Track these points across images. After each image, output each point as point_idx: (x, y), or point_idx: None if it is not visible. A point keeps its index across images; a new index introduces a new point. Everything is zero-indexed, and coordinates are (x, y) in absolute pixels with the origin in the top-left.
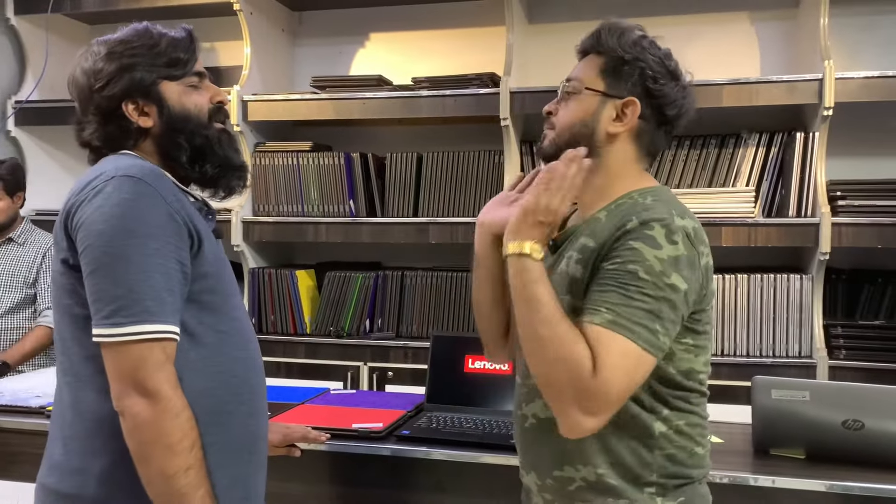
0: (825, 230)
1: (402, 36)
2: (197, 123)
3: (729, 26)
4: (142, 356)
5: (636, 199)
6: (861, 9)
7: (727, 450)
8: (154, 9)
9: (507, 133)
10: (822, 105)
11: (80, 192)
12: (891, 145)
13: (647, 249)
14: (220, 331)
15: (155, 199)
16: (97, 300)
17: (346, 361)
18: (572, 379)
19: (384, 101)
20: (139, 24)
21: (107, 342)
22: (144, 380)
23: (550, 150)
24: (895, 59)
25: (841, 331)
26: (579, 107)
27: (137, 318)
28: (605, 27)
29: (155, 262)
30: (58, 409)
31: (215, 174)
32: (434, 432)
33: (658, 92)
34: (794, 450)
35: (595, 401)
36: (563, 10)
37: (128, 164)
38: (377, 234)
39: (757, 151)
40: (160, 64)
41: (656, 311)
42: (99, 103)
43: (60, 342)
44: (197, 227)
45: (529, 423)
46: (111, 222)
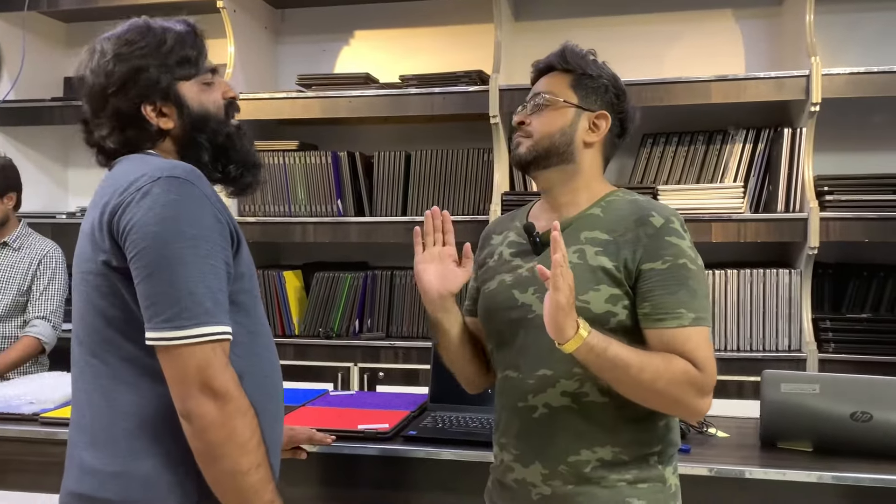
0: (813, 225)
1: (386, 33)
2: (217, 121)
3: (713, 23)
4: (206, 357)
5: (624, 197)
6: (845, 6)
7: (733, 444)
8: (134, 6)
9: (496, 131)
10: (810, 101)
11: (123, 193)
12: (874, 140)
13: (681, 242)
14: (252, 331)
15: (201, 200)
16: (154, 303)
17: (335, 363)
18: (689, 386)
19: (372, 99)
20: (137, 21)
21: (169, 345)
22: (211, 380)
23: (529, 157)
24: (879, 55)
25: (830, 324)
26: (557, 118)
27: (199, 321)
28: (566, 48)
29: (208, 264)
30: (85, 413)
31: (237, 173)
32: (441, 432)
33: (619, 108)
34: (801, 443)
35: (708, 386)
36: (550, 8)
37: (167, 164)
38: (366, 233)
39: (744, 147)
40: (172, 63)
41: (706, 292)
42: (116, 107)
43: (89, 345)
44: (236, 226)
45: (539, 413)
46: (165, 224)
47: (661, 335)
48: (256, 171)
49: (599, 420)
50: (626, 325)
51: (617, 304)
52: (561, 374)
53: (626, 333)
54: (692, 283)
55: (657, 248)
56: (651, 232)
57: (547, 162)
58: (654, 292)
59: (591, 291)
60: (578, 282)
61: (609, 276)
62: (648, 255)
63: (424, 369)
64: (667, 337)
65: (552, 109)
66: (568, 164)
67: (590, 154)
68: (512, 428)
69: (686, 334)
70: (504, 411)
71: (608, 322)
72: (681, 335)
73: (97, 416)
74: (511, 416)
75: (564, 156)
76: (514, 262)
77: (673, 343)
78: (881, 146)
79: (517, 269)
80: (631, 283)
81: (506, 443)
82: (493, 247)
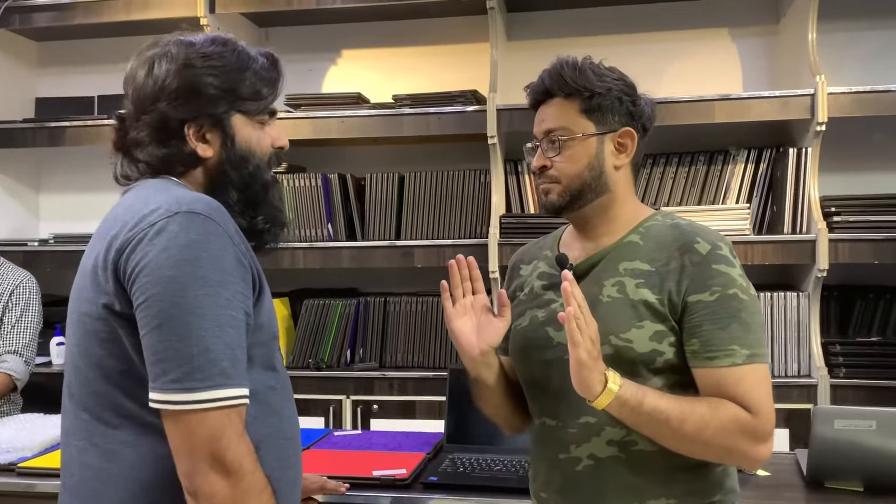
0: (822, 246)
1: (374, 53)
2: (257, 167)
3: (710, 42)
4: (221, 425)
5: (664, 221)
6: (842, 25)
7: (776, 483)
8: (113, 24)
9: (493, 151)
10: (815, 120)
11: (133, 228)
12: (877, 160)
13: (731, 270)
14: (271, 387)
15: (224, 241)
16: (163, 359)
17: (326, 395)
18: (741, 434)
19: (365, 119)
20: (223, 37)
21: (177, 410)
22: (224, 453)
23: (562, 203)
24: (877, 74)
25: (839, 349)
26: (581, 153)
27: (214, 382)
28: (562, 68)
29: (228, 315)
30: (74, 473)
31: (264, 227)
32: (463, 477)
33: (638, 112)
34: (851, 482)
35: (765, 432)
36: (542, 27)
37: (188, 196)
38: (358, 258)
39: (746, 168)
40: (240, 94)
41: (761, 323)
42: (159, 118)
43: (81, 398)
44: (260, 271)
45: (584, 465)
46: (181, 268)
47: (711, 375)
48: (281, 231)
49: (650, 470)
50: (674, 364)
51: (663, 342)
52: (605, 421)
53: (674, 373)
54: (744, 316)
55: (704, 278)
56: (697, 260)
57: (582, 202)
58: (702, 327)
59: (634, 329)
60: (619, 319)
61: (652, 311)
62: (695, 286)
63: (421, 401)
64: (718, 377)
65: (570, 145)
66: (603, 195)
67: (622, 175)
68: (553, 481)
69: (739, 374)
70: (543, 462)
71: (654, 362)
72: (733, 375)
73: (88, 480)
74: (551, 468)
75: (598, 189)
76: (547, 296)
77: (724, 384)
78: (884, 166)
79: (550, 303)
80: (676, 317)
81: (546, 497)
82: (522, 278)
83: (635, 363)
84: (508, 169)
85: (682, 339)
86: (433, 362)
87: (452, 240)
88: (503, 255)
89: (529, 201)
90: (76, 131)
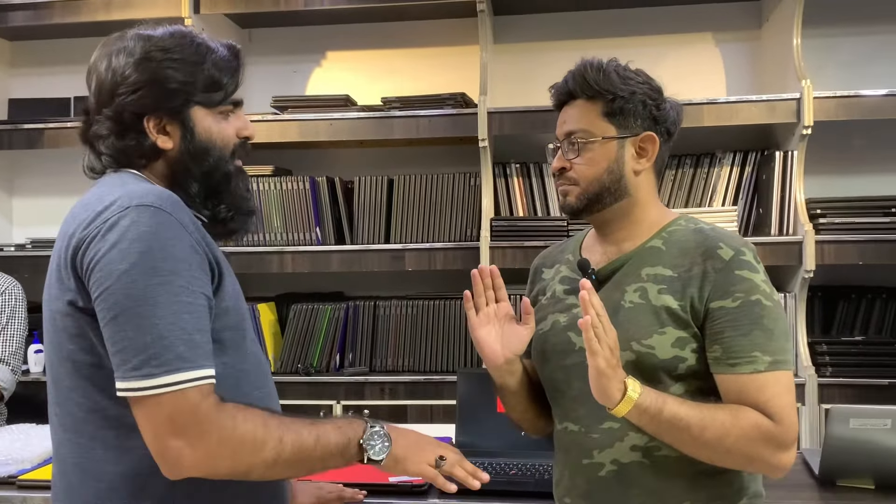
0: (809, 248)
1: (359, 55)
2: (219, 157)
3: (694, 47)
4: (182, 406)
5: (687, 226)
6: (822, 31)
7: (789, 483)
8: (92, 24)
9: (484, 154)
10: (802, 124)
11: (88, 226)
12: (860, 162)
13: (754, 276)
14: (239, 369)
15: (176, 230)
16: (122, 350)
17: (316, 401)
18: (763, 442)
19: (354, 122)
20: (181, 29)
21: (139, 396)
22: (184, 429)
23: (580, 205)
24: (855, 79)
25: (826, 348)
26: (600, 156)
27: (171, 367)
28: (586, 70)
29: (183, 302)
30: (58, 468)
31: (227, 215)
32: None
33: (662, 117)
34: (863, 480)
35: (787, 439)
36: (528, 31)
37: (142, 190)
38: (348, 262)
39: (732, 170)
40: (199, 86)
41: (785, 330)
42: (119, 111)
43: (56, 392)
44: (217, 257)
45: (608, 470)
46: (131, 259)
47: (733, 382)
48: (247, 218)
49: (675, 475)
50: (697, 371)
51: (685, 348)
52: (629, 426)
53: (696, 379)
54: (767, 322)
55: (727, 284)
56: (720, 266)
57: (600, 205)
58: (724, 333)
59: (656, 335)
60: (641, 325)
61: (674, 318)
62: (717, 292)
63: (413, 405)
64: (740, 384)
65: (591, 148)
66: (622, 199)
67: (643, 179)
68: (577, 487)
69: (761, 381)
70: (566, 467)
71: (676, 368)
72: (755, 382)
73: (65, 472)
74: (575, 473)
75: (617, 193)
76: (569, 301)
77: (746, 391)
78: (867, 168)
79: (572, 308)
80: (699, 323)
81: (570, 503)
82: (544, 282)
83: (657, 369)
84: (497, 172)
85: (705, 345)
86: (424, 366)
87: (444, 243)
88: (494, 257)
89: (518, 204)
90: (52, 133)
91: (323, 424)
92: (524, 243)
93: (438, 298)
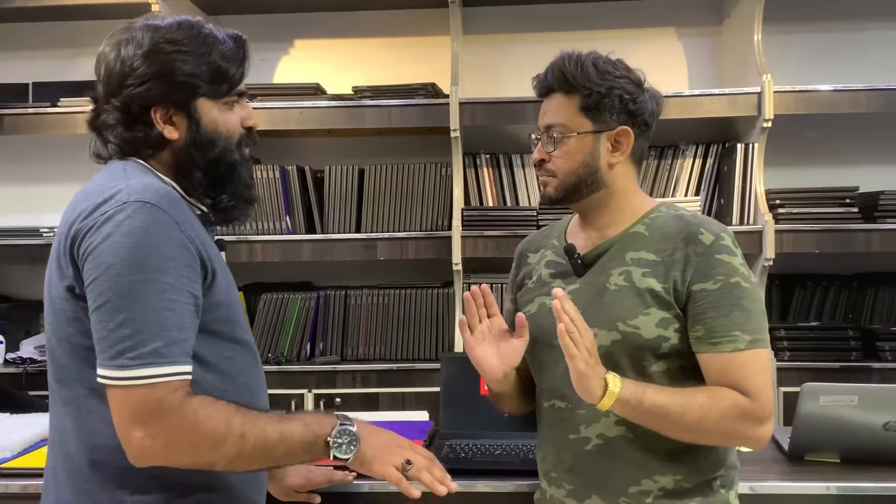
0: (769, 237)
1: (327, 43)
2: (224, 148)
3: (657, 41)
4: (145, 400)
5: (668, 212)
6: (783, 27)
7: (761, 458)
8: (58, 7)
9: (455, 144)
10: (762, 117)
11: (87, 216)
12: (817, 155)
13: (733, 259)
14: (227, 357)
15: (169, 228)
16: (102, 338)
17: (288, 390)
18: (741, 419)
19: (325, 110)
20: (189, 20)
21: (110, 384)
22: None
23: (559, 196)
24: (811, 75)
25: (783, 333)
26: (576, 150)
27: (145, 362)
28: (564, 65)
29: (166, 299)
30: (58, 439)
31: (228, 204)
32: (468, 462)
33: (639, 110)
34: (829, 454)
35: (763, 414)
36: (496, 22)
37: (142, 185)
38: (319, 251)
39: (694, 162)
40: (205, 78)
41: (762, 310)
42: (126, 102)
43: (57, 370)
44: (210, 255)
45: (593, 444)
46: (120, 254)
47: (715, 360)
48: (248, 207)
49: (658, 448)
50: (679, 349)
51: (668, 328)
52: None
53: (679, 357)
54: (746, 303)
55: (708, 268)
56: (701, 251)
57: (578, 195)
58: (706, 314)
59: (641, 316)
60: (626, 306)
61: (658, 299)
62: (699, 276)
63: (385, 393)
64: (721, 362)
65: (567, 142)
66: (599, 190)
67: (620, 171)
68: (563, 461)
69: (741, 360)
70: (553, 444)
71: (660, 347)
72: (735, 360)
73: (64, 442)
74: (562, 448)
75: (594, 185)
76: (555, 284)
77: (727, 369)
78: (823, 160)
79: None
80: (682, 305)
81: (557, 477)
82: (530, 266)
83: (641, 348)
84: (467, 162)
85: (687, 325)
86: (396, 354)
87: (416, 232)
88: (466, 247)
89: (488, 194)
90: (11, 119)
91: (291, 421)
92: (495, 232)
93: (409, 287)
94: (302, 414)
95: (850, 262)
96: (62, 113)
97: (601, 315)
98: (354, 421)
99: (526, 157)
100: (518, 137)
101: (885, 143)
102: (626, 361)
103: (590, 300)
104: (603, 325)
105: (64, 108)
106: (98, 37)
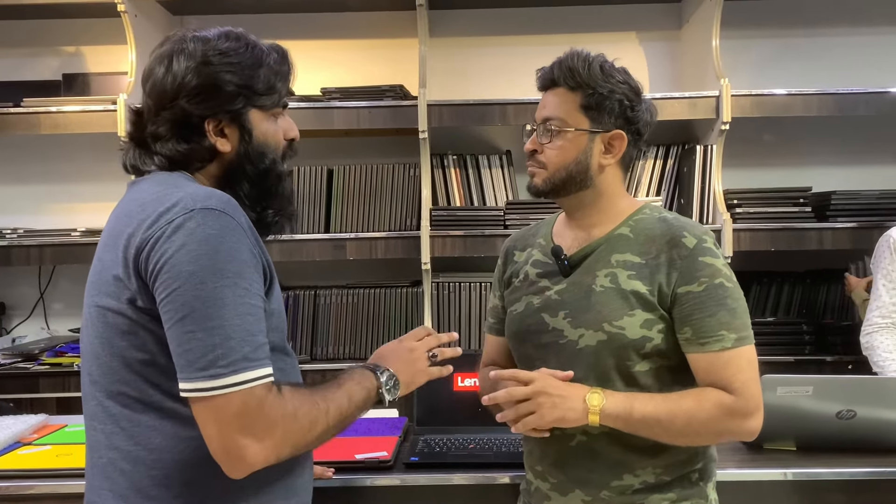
0: (727, 235)
1: (294, 45)
2: (273, 159)
3: (618, 45)
4: (248, 403)
5: (652, 215)
6: (738, 32)
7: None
8: (27, 6)
9: (423, 146)
10: (720, 120)
11: (151, 227)
12: (771, 156)
13: (716, 261)
14: (279, 368)
15: (239, 234)
16: (189, 350)
17: None
18: (727, 416)
19: (294, 112)
20: (233, 30)
21: (206, 396)
22: (253, 427)
23: (546, 188)
24: (767, 79)
25: None
26: (570, 146)
27: (238, 367)
28: (573, 61)
29: (247, 304)
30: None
31: (272, 219)
32: (442, 456)
33: (636, 118)
34: (786, 443)
35: (749, 408)
36: (461, 26)
37: (203, 192)
38: (288, 251)
39: (655, 163)
40: (256, 90)
41: (745, 308)
42: (180, 114)
43: (105, 385)
44: (269, 261)
45: (577, 440)
46: (201, 262)
47: (703, 360)
48: (289, 220)
49: (640, 443)
50: (662, 349)
51: (652, 329)
52: None
53: (662, 357)
54: (730, 302)
55: (692, 271)
56: (685, 253)
57: (565, 191)
58: (693, 316)
59: (626, 317)
60: (612, 307)
61: (643, 301)
62: (684, 278)
63: None
64: (709, 361)
65: (563, 136)
66: (586, 189)
67: (608, 174)
68: (548, 456)
69: (727, 358)
70: (537, 439)
71: (643, 347)
72: (722, 359)
73: (117, 461)
74: (547, 443)
75: (582, 183)
76: (542, 284)
77: (714, 368)
78: (778, 162)
79: (545, 290)
80: (666, 307)
81: (542, 471)
82: (517, 265)
83: (626, 348)
84: (435, 163)
85: (675, 327)
86: (365, 353)
87: (385, 232)
88: (434, 246)
89: (456, 194)
90: None
91: (347, 383)
92: (463, 232)
93: (379, 287)
94: (345, 375)
95: (803, 260)
96: (25, 113)
97: (588, 316)
98: (377, 359)
99: (493, 158)
100: (485, 138)
101: (837, 145)
102: (611, 361)
103: (576, 300)
104: (590, 325)
105: (27, 108)
106: (62, 36)
